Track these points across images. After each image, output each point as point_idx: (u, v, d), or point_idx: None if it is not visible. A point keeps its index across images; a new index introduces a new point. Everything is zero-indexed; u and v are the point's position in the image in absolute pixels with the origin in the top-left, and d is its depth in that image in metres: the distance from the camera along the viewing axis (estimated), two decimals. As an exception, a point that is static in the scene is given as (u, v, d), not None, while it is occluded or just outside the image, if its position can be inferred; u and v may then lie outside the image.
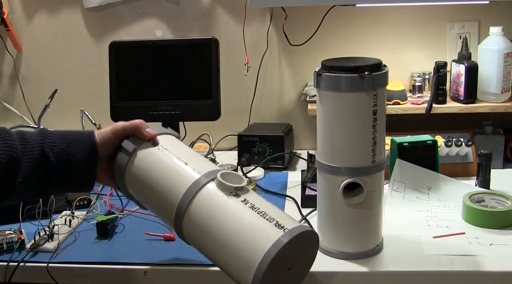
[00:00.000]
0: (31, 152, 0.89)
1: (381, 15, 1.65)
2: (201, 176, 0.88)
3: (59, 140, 0.92)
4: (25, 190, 0.90)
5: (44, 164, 0.89)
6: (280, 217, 0.83)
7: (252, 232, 0.82)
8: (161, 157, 0.93)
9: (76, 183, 0.93)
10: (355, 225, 1.05)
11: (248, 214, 0.84)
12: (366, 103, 0.97)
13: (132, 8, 1.72)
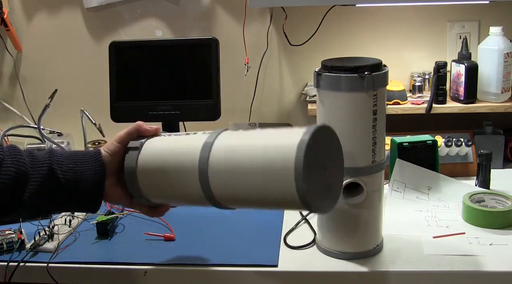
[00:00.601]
0: (39, 167, 0.89)
1: (381, 15, 1.65)
2: (211, 134, 0.87)
3: (67, 159, 0.92)
4: (32, 206, 0.89)
5: (52, 180, 0.89)
6: (293, 129, 0.81)
7: (276, 141, 0.79)
8: (168, 139, 0.94)
9: (83, 202, 0.93)
10: (355, 225, 1.05)
11: (265, 132, 0.83)
12: (366, 103, 0.97)
13: (132, 8, 1.72)
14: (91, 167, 0.92)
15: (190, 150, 0.88)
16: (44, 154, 0.91)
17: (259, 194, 0.81)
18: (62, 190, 0.90)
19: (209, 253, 1.10)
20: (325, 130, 0.82)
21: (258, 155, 0.80)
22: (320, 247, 1.09)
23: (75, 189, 0.91)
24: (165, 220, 1.23)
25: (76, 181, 0.90)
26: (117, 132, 0.94)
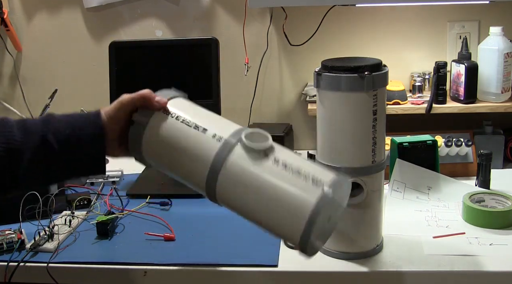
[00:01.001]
0: (31, 141, 0.85)
1: (381, 15, 1.65)
2: (224, 142, 0.84)
3: (64, 126, 0.87)
4: (30, 181, 0.87)
5: (47, 153, 0.86)
6: (314, 171, 0.80)
7: (291, 196, 0.79)
8: (177, 126, 0.88)
9: (86, 169, 0.90)
10: (355, 225, 1.05)
11: (283, 176, 0.80)
12: (366, 103, 0.97)
13: (132, 8, 1.72)
14: (90, 132, 0.88)
15: (200, 154, 0.85)
16: (37, 124, 0.87)
17: (262, 217, 0.82)
18: (59, 160, 0.87)
19: (209, 253, 1.10)
20: (346, 181, 0.84)
21: (271, 200, 0.80)
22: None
23: (73, 158, 0.87)
24: (165, 220, 1.23)
25: (74, 148, 0.87)
26: None
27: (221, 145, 0.84)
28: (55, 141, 0.86)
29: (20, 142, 0.85)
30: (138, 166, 1.58)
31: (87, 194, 1.38)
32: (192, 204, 1.34)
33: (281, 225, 0.80)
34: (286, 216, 0.79)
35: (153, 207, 1.33)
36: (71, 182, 1.44)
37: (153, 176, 1.52)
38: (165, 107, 0.90)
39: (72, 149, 0.87)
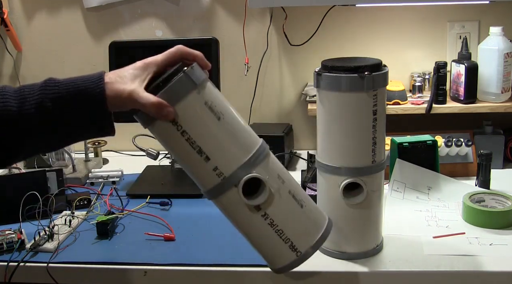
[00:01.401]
0: (28, 110, 0.81)
1: (381, 15, 1.65)
2: (223, 180, 0.85)
3: (65, 88, 0.83)
4: (32, 149, 0.86)
5: (47, 121, 0.82)
6: (296, 236, 0.89)
7: (268, 250, 0.91)
8: (181, 143, 0.85)
9: (91, 133, 0.87)
10: (355, 225, 1.05)
11: (266, 231, 0.88)
12: (366, 103, 0.97)
13: (132, 8, 1.72)
14: (90, 86, 0.83)
15: (207, 171, 0.86)
16: (35, 91, 0.84)
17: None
18: (61, 127, 0.84)
19: (209, 253, 1.10)
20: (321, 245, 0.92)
21: (252, 241, 0.92)
22: (320, 247, 1.09)
23: (74, 125, 0.84)
24: (165, 220, 1.23)
25: (75, 115, 0.83)
26: (116, 133, 0.89)
27: (219, 182, 0.86)
28: (56, 107, 0.83)
29: (18, 111, 0.82)
30: (138, 166, 1.59)
31: (87, 194, 1.38)
32: (192, 204, 1.35)
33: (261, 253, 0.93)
34: (264, 255, 0.93)
35: (153, 207, 1.33)
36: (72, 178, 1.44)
37: (153, 176, 1.52)
38: (172, 119, 0.84)
39: (73, 117, 0.83)
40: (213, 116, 0.85)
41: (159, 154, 1.53)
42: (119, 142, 1.78)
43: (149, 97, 0.83)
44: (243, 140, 0.87)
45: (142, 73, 0.87)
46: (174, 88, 0.84)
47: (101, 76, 0.85)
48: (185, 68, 0.85)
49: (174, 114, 0.83)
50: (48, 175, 1.35)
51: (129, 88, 0.84)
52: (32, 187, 1.24)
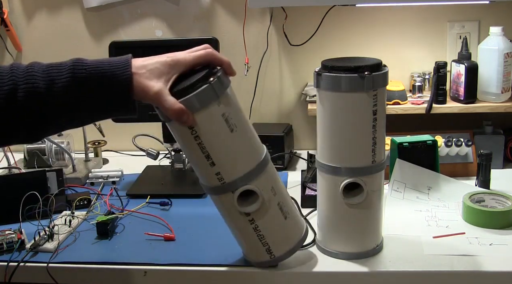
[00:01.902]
0: (55, 91, 0.85)
1: (381, 15, 1.65)
2: (222, 185, 0.94)
3: (92, 71, 0.86)
4: (60, 126, 0.89)
5: (73, 102, 0.86)
6: (275, 243, 1.00)
7: (247, 246, 1.03)
8: (192, 145, 0.91)
9: (116, 114, 0.90)
10: (355, 225, 1.05)
11: (249, 233, 0.99)
12: (366, 103, 0.97)
13: (132, 8, 1.72)
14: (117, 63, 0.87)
15: (211, 175, 0.94)
16: (64, 71, 0.88)
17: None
18: (87, 107, 0.87)
19: (209, 253, 1.10)
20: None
21: (235, 238, 1.05)
22: (320, 247, 1.09)
23: (101, 107, 0.87)
24: (165, 220, 1.23)
25: (102, 97, 0.86)
26: (116, 133, 0.92)
27: (219, 185, 0.95)
28: (78, 87, 0.86)
29: (46, 91, 0.86)
30: (138, 166, 1.59)
31: (87, 194, 1.38)
32: (192, 204, 1.34)
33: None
34: (242, 247, 1.06)
35: (153, 207, 1.33)
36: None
37: (153, 176, 1.52)
38: (189, 125, 0.89)
39: (97, 88, 0.86)
40: (227, 128, 0.91)
41: (159, 154, 1.53)
42: (119, 142, 1.78)
43: (173, 102, 0.87)
44: (249, 153, 0.95)
45: (169, 71, 0.89)
46: (198, 98, 0.88)
47: (128, 62, 0.87)
48: (211, 79, 0.89)
49: (193, 122, 0.89)
50: (48, 175, 1.35)
51: (156, 88, 0.87)
52: (32, 187, 1.23)
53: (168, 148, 1.53)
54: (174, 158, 1.53)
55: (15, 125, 0.86)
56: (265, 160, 0.98)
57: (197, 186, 1.42)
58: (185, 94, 0.88)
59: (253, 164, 0.95)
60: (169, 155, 1.57)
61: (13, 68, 0.88)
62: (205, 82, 0.89)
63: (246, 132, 0.95)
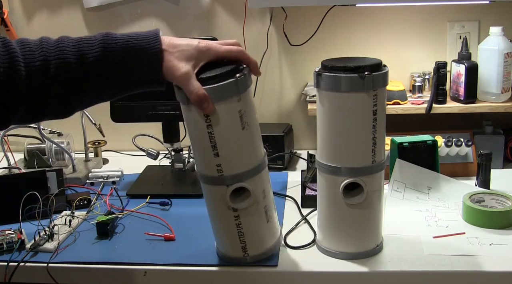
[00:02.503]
0: (86, 65, 0.87)
1: (381, 15, 1.65)
2: (220, 177, 0.96)
3: (122, 45, 0.88)
4: (90, 100, 0.90)
5: (104, 76, 0.87)
6: (252, 242, 1.03)
7: (224, 239, 1.05)
8: (202, 132, 0.93)
9: (146, 88, 0.92)
10: (355, 225, 1.05)
11: (231, 228, 1.01)
12: (366, 103, 0.97)
13: (132, 8, 1.72)
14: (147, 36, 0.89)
15: (211, 165, 0.96)
16: (95, 45, 0.88)
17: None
18: (117, 81, 0.89)
19: (209, 253, 1.10)
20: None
21: (213, 230, 1.08)
22: (320, 247, 1.09)
23: (131, 81, 0.89)
24: (165, 220, 1.23)
25: (131, 71, 0.88)
26: (116, 133, 0.92)
27: (216, 176, 0.96)
28: (109, 61, 0.87)
29: (76, 65, 0.87)
30: (138, 166, 1.59)
31: (87, 194, 1.38)
32: (192, 204, 1.35)
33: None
34: (217, 239, 1.08)
35: (153, 207, 1.33)
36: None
37: (153, 176, 1.52)
38: (207, 113, 0.91)
39: (127, 62, 0.88)
40: (240, 124, 0.94)
41: (159, 154, 1.53)
42: (119, 142, 1.78)
43: (199, 87, 0.89)
44: (252, 153, 0.98)
45: (198, 56, 0.91)
46: (222, 89, 0.91)
47: (157, 37, 0.89)
48: (238, 75, 0.93)
49: (211, 111, 0.90)
50: (48, 175, 1.35)
51: (184, 69, 0.89)
52: (32, 187, 1.24)
53: (168, 148, 1.53)
54: (174, 158, 1.53)
55: (47, 100, 0.87)
56: (264, 163, 1.01)
57: (197, 186, 1.43)
58: (210, 82, 0.90)
59: (253, 164, 0.98)
60: (169, 155, 1.57)
61: (43, 42, 0.89)
62: (232, 77, 0.92)
63: (254, 133, 0.99)
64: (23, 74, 0.84)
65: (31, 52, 0.87)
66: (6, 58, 0.84)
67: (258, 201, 1.00)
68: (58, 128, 1.61)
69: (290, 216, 1.25)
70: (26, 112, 0.87)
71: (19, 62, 0.84)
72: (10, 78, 0.83)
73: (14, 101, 0.85)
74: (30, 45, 0.88)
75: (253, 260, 1.04)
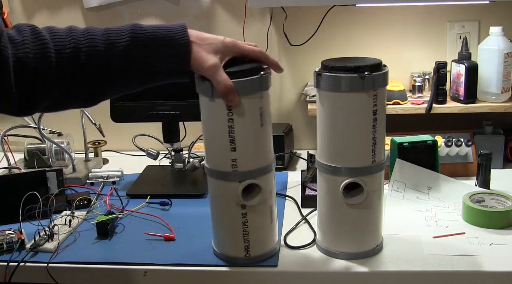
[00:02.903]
0: (115, 54, 0.88)
1: (381, 15, 1.65)
2: (234, 173, 0.98)
3: (151, 36, 0.90)
4: (117, 89, 0.92)
5: (132, 65, 0.89)
6: (255, 242, 1.04)
7: (227, 238, 1.06)
8: (222, 125, 0.96)
9: (172, 79, 0.94)
10: (355, 225, 1.05)
11: (236, 226, 1.02)
12: (366, 103, 0.97)
13: (132, 8, 1.72)
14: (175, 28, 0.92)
15: (227, 159, 0.98)
16: (124, 35, 0.89)
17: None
18: (145, 70, 0.91)
19: (209, 253, 1.10)
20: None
21: (219, 228, 1.08)
22: (320, 247, 1.09)
23: (158, 71, 0.91)
24: (165, 220, 1.23)
25: (160, 61, 0.90)
26: (116, 133, 0.93)
27: (230, 172, 0.98)
28: (137, 51, 0.89)
29: (105, 54, 0.88)
30: (138, 166, 1.59)
31: (87, 194, 1.38)
32: (192, 204, 1.35)
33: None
34: (219, 238, 1.09)
35: (153, 207, 1.33)
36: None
37: (153, 176, 1.52)
38: (233, 105, 0.94)
39: (155, 53, 0.90)
40: (259, 121, 0.98)
41: (159, 154, 1.53)
42: (119, 142, 1.78)
43: (227, 79, 0.92)
44: (266, 151, 1.01)
45: (225, 51, 0.95)
46: (248, 84, 0.95)
47: (184, 29, 0.92)
48: (262, 72, 0.96)
49: (237, 103, 0.93)
50: (48, 175, 1.35)
51: (213, 61, 0.92)
52: (32, 187, 1.24)
53: (168, 148, 1.53)
54: (174, 158, 1.53)
55: (75, 88, 0.88)
56: (273, 163, 1.04)
57: (197, 186, 1.43)
58: (236, 76, 0.93)
59: (265, 162, 1.01)
60: (169, 155, 1.57)
61: (72, 30, 0.89)
62: (257, 73, 0.96)
63: (269, 132, 1.02)
64: (53, 61, 0.85)
65: (61, 39, 0.87)
66: (37, 45, 0.84)
67: (266, 200, 1.02)
68: (58, 128, 1.61)
69: (290, 216, 1.25)
70: (54, 99, 0.88)
71: (49, 49, 0.85)
72: (41, 64, 0.84)
73: (43, 88, 0.86)
74: (60, 33, 0.88)
75: (253, 260, 1.05)
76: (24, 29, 0.85)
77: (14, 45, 0.83)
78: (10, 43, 0.82)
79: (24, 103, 0.86)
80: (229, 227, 1.04)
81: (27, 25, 0.86)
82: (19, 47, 0.83)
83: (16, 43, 0.83)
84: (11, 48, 0.82)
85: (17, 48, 0.83)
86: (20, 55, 0.82)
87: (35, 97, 0.86)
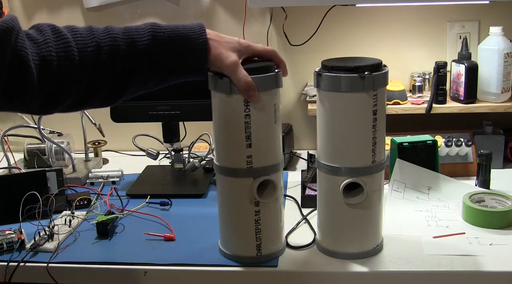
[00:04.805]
0: (136, 52, 0.89)
1: (381, 15, 1.65)
2: (248, 170, 0.99)
3: (170, 35, 0.91)
4: (137, 87, 0.92)
5: (153, 63, 0.91)
6: (267, 240, 1.04)
7: (240, 237, 1.05)
8: (239, 120, 0.97)
9: (189, 77, 0.96)
10: (355, 225, 1.05)
11: (249, 224, 1.02)
12: (366, 103, 0.97)
13: (132, 8, 1.72)
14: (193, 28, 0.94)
15: (242, 157, 1.00)
16: (145, 34, 0.90)
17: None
18: (165, 69, 0.93)
19: (209, 253, 1.10)
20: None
21: (232, 225, 1.07)
22: (320, 247, 1.09)
23: (177, 69, 0.94)
24: (165, 220, 1.23)
25: (178, 60, 0.92)
26: (116, 133, 0.93)
27: (245, 168, 0.99)
28: (158, 49, 0.91)
29: (126, 51, 0.89)
30: (138, 166, 1.59)
31: (87, 194, 1.38)
32: (192, 204, 1.34)
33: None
34: (229, 239, 1.08)
35: (153, 207, 1.33)
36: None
37: (153, 176, 1.52)
38: (252, 101, 0.96)
39: (175, 52, 0.92)
40: (273, 117, 1.00)
41: (159, 154, 1.53)
42: (119, 142, 1.78)
43: (247, 75, 0.94)
44: (278, 147, 1.03)
45: (241, 50, 0.98)
46: (266, 80, 0.97)
47: (202, 28, 0.94)
48: (277, 70, 0.99)
49: (257, 99, 0.95)
50: (48, 175, 1.35)
51: (233, 58, 0.95)
52: (32, 187, 1.24)
53: (168, 148, 1.53)
54: (174, 158, 1.53)
55: (97, 87, 0.88)
56: (283, 161, 1.05)
57: (197, 186, 1.43)
58: (254, 73, 0.95)
59: (278, 159, 1.03)
60: (169, 155, 1.57)
61: (93, 29, 0.89)
62: (273, 71, 0.98)
63: (280, 129, 1.04)
64: (76, 59, 0.85)
65: (83, 38, 0.87)
66: (61, 44, 0.84)
67: (278, 197, 1.04)
68: (58, 128, 1.61)
69: (290, 216, 1.25)
70: (75, 99, 0.88)
71: (72, 47, 0.85)
72: (64, 63, 0.84)
73: (67, 87, 0.86)
74: (80, 31, 0.88)
75: (265, 259, 1.05)
76: (44, 29, 0.85)
77: (37, 45, 0.82)
78: (31, 42, 0.82)
79: (47, 102, 0.86)
80: (241, 225, 1.04)
81: (47, 25, 0.86)
82: (42, 46, 0.82)
83: (39, 43, 0.82)
84: (33, 47, 0.82)
85: (40, 47, 0.82)
86: (44, 54, 0.82)
87: (58, 96, 0.86)
